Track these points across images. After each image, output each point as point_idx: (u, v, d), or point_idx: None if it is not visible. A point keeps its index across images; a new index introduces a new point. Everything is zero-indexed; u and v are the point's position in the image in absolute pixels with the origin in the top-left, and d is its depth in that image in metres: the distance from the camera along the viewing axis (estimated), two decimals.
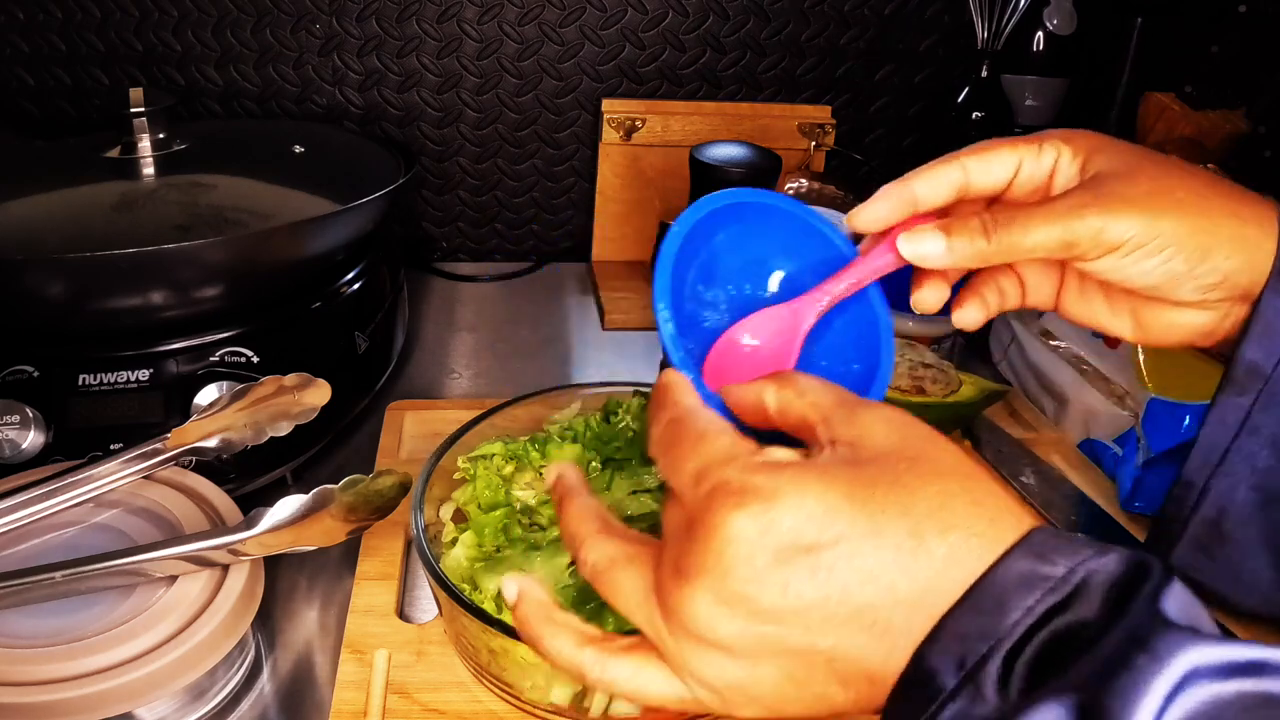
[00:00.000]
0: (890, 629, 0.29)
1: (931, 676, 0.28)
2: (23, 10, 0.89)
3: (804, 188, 0.92)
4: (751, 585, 0.29)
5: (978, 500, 0.30)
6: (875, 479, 0.30)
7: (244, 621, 0.49)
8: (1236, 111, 0.91)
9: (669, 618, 0.31)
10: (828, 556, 0.29)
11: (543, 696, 0.47)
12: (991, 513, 0.29)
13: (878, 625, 0.29)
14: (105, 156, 0.71)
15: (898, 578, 0.28)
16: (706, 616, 0.30)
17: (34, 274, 0.56)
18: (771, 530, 0.29)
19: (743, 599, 0.29)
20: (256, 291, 0.64)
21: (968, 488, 0.30)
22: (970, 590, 0.28)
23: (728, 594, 0.29)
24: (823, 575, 0.29)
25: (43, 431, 0.58)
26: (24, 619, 0.46)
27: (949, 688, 0.27)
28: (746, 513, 0.29)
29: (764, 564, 0.29)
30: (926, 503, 0.29)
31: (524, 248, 1.07)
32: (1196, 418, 0.66)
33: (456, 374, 0.85)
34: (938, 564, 0.28)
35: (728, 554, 0.29)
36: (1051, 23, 0.90)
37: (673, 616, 0.31)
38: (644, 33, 0.97)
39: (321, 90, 0.96)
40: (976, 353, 0.90)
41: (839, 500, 0.29)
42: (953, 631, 0.28)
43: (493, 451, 0.57)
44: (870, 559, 0.29)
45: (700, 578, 0.30)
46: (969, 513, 0.29)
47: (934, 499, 0.29)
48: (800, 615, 0.29)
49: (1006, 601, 0.27)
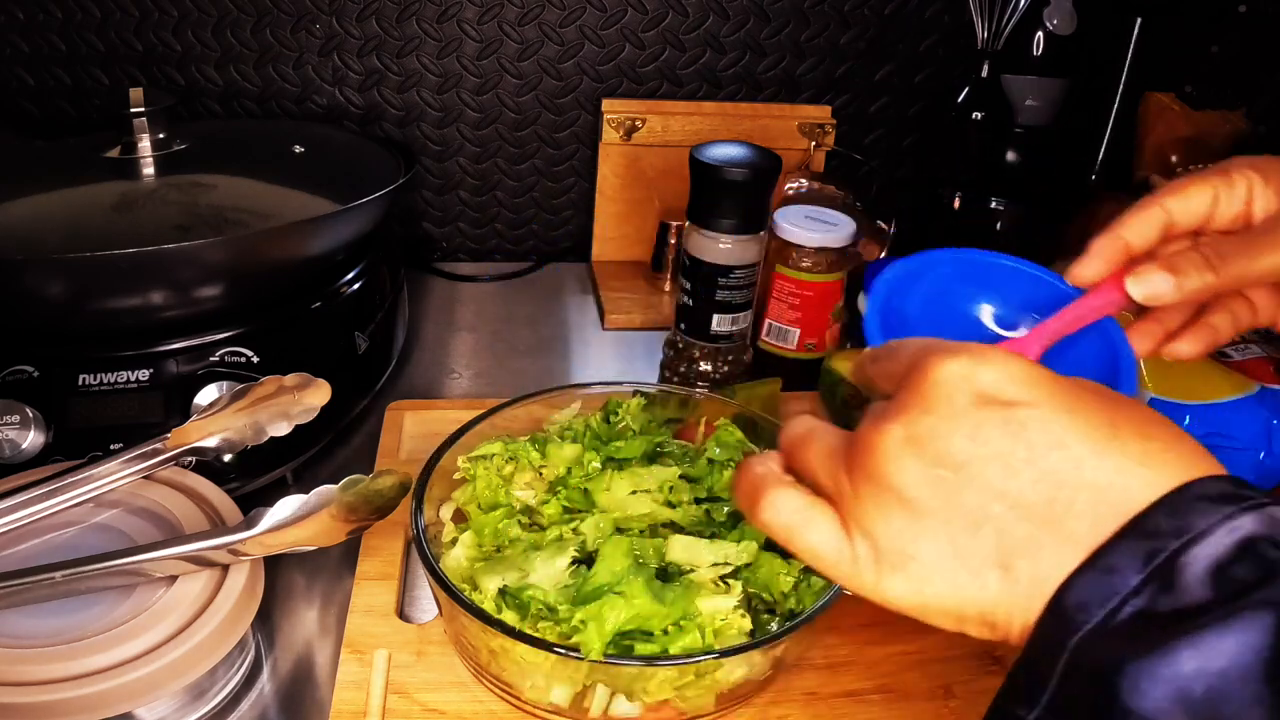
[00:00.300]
0: (1071, 508, 0.28)
1: (1111, 571, 0.27)
2: (23, 10, 0.89)
3: (804, 188, 0.92)
4: (945, 422, 0.30)
5: (1179, 436, 0.30)
6: (1081, 384, 0.31)
7: (244, 621, 0.49)
8: (1236, 111, 0.91)
9: (854, 468, 0.31)
10: (1022, 413, 0.29)
11: (543, 696, 0.47)
12: (1191, 447, 0.30)
13: (1059, 499, 0.28)
14: (105, 156, 0.71)
15: (1087, 456, 0.29)
16: (895, 454, 0.30)
17: (34, 274, 0.56)
18: (975, 377, 0.30)
19: (933, 436, 0.30)
20: (256, 291, 0.64)
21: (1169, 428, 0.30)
22: (1165, 496, 0.28)
23: (922, 429, 0.30)
24: (1014, 428, 0.29)
25: (43, 431, 0.58)
26: (24, 619, 0.46)
27: (1132, 584, 0.26)
28: (956, 360, 0.30)
29: (962, 404, 0.30)
30: (1128, 414, 0.30)
31: (524, 248, 1.07)
32: (1197, 418, 0.66)
33: (456, 374, 0.85)
34: (1131, 460, 0.28)
35: (930, 392, 0.30)
36: (1051, 23, 0.90)
37: (857, 463, 0.31)
38: (644, 33, 0.97)
39: (321, 90, 0.96)
40: None
41: (1044, 376, 0.30)
42: (1141, 529, 0.27)
43: (493, 451, 0.57)
44: (1063, 429, 0.29)
45: (899, 414, 0.31)
46: (1168, 434, 0.30)
47: (1136, 415, 0.30)
48: (983, 465, 0.29)
49: (1203, 509, 0.27)
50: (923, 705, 0.51)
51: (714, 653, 0.45)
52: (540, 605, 0.47)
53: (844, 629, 0.55)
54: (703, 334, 0.77)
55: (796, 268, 0.78)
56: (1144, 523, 0.27)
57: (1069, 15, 0.91)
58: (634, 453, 0.56)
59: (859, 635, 0.55)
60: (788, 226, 0.77)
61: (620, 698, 0.46)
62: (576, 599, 0.46)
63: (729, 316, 0.76)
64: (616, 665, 0.44)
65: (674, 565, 0.50)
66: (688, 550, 0.50)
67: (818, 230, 0.76)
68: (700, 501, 0.54)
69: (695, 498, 0.54)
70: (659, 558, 0.50)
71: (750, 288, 0.75)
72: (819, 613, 0.47)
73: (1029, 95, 0.93)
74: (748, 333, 0.78)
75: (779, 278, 0.79)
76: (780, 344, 0.81)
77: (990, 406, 0.29)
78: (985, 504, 0.29)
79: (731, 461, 0.56)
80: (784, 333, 0.80)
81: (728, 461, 0.56)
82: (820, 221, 0.78)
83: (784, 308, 0.80)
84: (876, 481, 0.31)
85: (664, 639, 0.45)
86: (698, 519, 0.54)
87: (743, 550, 0.50)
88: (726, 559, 0.50)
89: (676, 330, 0.79)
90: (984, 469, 0.29)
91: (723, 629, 0.47)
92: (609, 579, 0.47)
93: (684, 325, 0.77)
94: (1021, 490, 0.29)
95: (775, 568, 0.50)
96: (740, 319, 0.76)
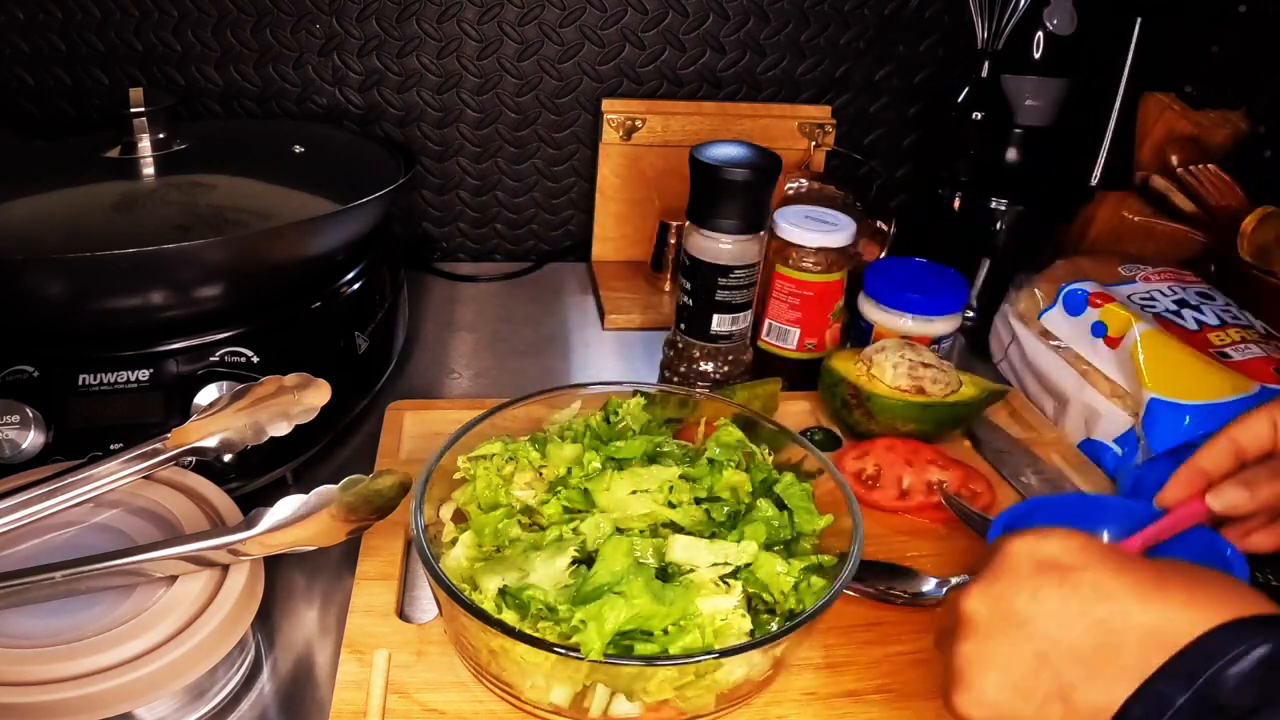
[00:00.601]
0: (1121, 649, 0.35)
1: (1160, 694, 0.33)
2: (23, 10, 0.89)
3: (804, 188, 0.92)
4: (1011, 585, 0.38)
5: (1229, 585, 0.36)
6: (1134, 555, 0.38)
7: (244, 621, 0.49)
8: (1236, 111, 0.91)
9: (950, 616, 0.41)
10: (1075, 576, 0.37)
11: (543, 696, 0.47)
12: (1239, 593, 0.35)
13: (1110, 643, 0.35)
14: (105, 156, 0.71)
15: (1134, 605, 0.35)
16: (973, 607, 0.39)
17: (34, 274, 0.56)
18: (1038, 550, 0.38)
19: (1001, 595, 0.38)
20: (256, 291, 0.64)
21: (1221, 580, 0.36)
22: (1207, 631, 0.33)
23: (995, 591, 0.38)
24: (1068, 589, 0.37)
25: (43, 431, 0.58)
26: (24, 619, 0.46)
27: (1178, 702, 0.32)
28: (1023, 539, 0.39)
29: (1026, 571, 0.38)
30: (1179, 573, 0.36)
31: (524, 248, 1.07)
32: (1196, 417, 0.66)
33: (456, 374, 0.85)
34: (1175, 606, 0.35)
35: (1001, 564, 0.39)
36: (1051, 23, 0.90)
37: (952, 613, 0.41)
38: (644, 33, 0.97)
39: (321, 90, 0.96)
40: (976, 353, 0.90)
41: (1100, 549, 0.38)
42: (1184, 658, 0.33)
43: (493, 451, 0.57)
44: (1113, 585, 0.36)
45: (979, 580, 0.39)
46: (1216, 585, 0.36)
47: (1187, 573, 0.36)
48: (1042, 620, 0.37)
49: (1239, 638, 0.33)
50: (923, 705, 0.51)
51: (714, 653, 0.45)
52: (540, 605, 0.47)
53: (844, 629, 0.55)
54: (703, 334, 0.77)
55: (796, 268, 0.78)
56: (1187, 653, 0.33)
57: (1069, 15, 0.91)
58: (634, 453, 0.56)
59: (859, 635, 0.55)
60: (788, 226, 0.77)
61: (620, 698, 0.46)
62: (576, 599, 0.46)
63: (729, 316, 0.76)
64: (616, 665, 0.44)
65: (674, 565, 0.50)
66: (688, 550, 0.50)
67: (818, 230, 0.76)
68: (700, 501, 0.54)
69: (695, 498, 0.54)
70: (659, 558, 0.50)
71: (750, 288, 0.75)
72: (819, 613, 0.47)
73: (1029, 95, 0.93)
74: (748, 333, 0.78)
75: (779, 278, 0.79)
76: (780, 344, 0.81)
77: (1050, 572, 0.37)
78: (1044, 651, 0.36)
79: (731, 461, 0.56)
80: (784, 333, 0.80)
81: (728, 461, 0.56)
82: (820, 221, 0.78)
83: (784, 308, 0.80)
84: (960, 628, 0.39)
85: (664, 639, 0.45)
86: (698, 519, 0.53)
87: (743, 550, 0.50)
88: (726, 559, 0.50)
89: (676, 330, 0.79)
90: (1043, 624, 0.37)
91: (723, 629, 0.47)
92: (609, 579, 0.47)
93: (684, 325, 0.77)
94: (1076, 640, 0.36)
95: (775, 568, 0.50)
96: (740, 319, 0.76)
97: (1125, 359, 0.71)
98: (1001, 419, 0.78)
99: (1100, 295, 0.75)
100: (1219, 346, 0.71)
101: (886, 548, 0.63)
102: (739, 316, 0.76)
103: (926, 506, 0.66)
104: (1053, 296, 0.79)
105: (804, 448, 0.59)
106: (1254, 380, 0.67)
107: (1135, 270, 0.80)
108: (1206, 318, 0.73)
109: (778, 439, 0.60)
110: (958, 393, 0.72)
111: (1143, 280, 0.78)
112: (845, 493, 0.55)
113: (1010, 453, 0.73)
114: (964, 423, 0.74)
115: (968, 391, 0.73)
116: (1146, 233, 0.91)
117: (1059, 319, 0.78)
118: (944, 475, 0.67)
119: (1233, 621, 0.34)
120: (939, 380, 0.72)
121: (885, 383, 0.72)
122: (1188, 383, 0.67)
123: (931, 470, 0.68)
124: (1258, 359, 0.69)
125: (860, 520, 0.53)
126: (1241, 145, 0.91)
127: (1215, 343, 0.71)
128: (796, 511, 0.54)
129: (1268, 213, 0.81)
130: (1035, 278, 0.82)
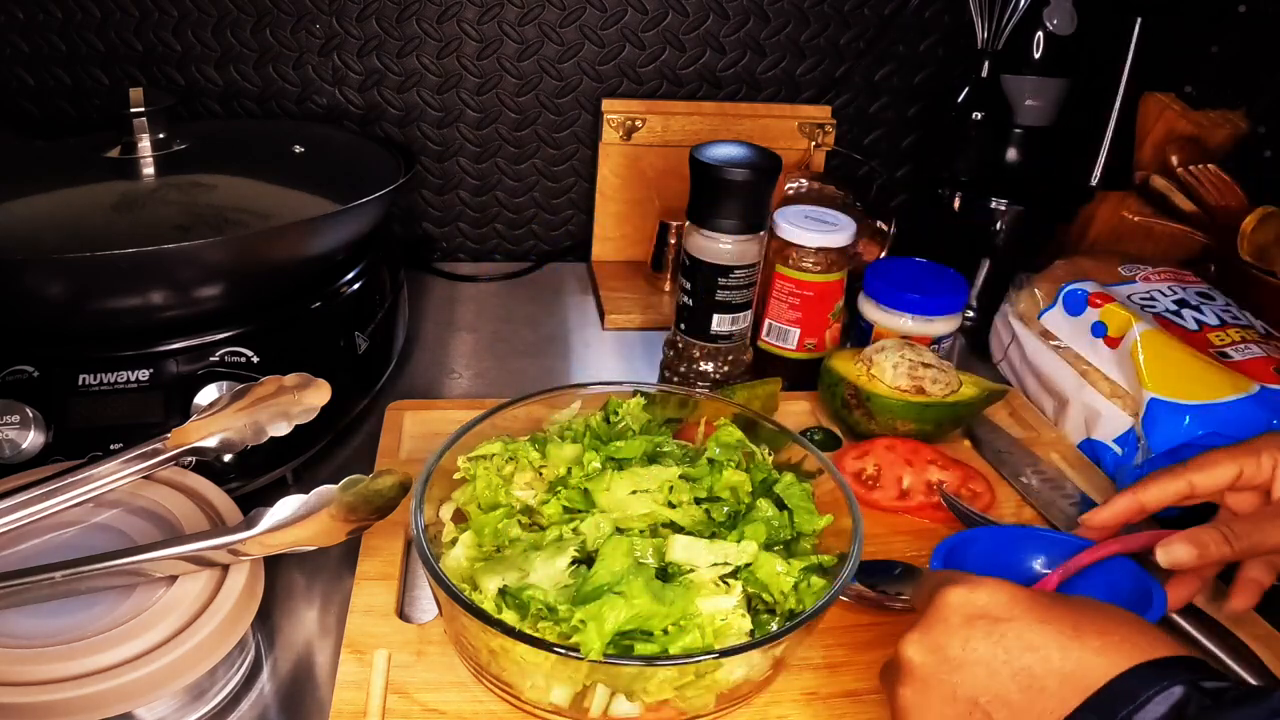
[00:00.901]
0: (1044, 692, 0.38)
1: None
2: (23, 10, 0.89)
3: (804, 188, 0.92)
4: (944, 635, 0.41)
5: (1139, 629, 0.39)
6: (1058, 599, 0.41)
7: (244, 621, 0.49)
8: (1236, 111, 0.91)
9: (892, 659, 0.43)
10: (1002, 626, 0.40)
11: (543, 696, 0.47)
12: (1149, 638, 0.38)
13: (1033, 687, 0.38)
14: (105, 156, 0.71)
15: (1054, 653, 0.38)
16: (910, 654, 0.41)
17: (34, 274, 0.56)
18: (970, 602, 0.41)
19: (937, 645, 0.41)
20: (256, 291, 0.64)
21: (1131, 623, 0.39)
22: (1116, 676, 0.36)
23: (929, 640, 0.41)
24: (995, 638, 0.39)
25: (43, 431, 0.58)
26: (24, 619, 0.46)
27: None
28: (956, 589, 0.41)
29: (958, 622, 0.40)
30: (1093, 618, 0.39)
31: (524, 248, 1.07)
32: (1196, 418, 0.66)
33: (456, 374, 0.85)
34: (1090, 652, 0.37)
35: (935, 613, 0.41)
36: (1051, 23, 0.90)
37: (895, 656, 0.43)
38: (644, 33, 0.97)
39: (321, 90, 0.96)
40: (976, 353, 0.90)
41: (1025, 598, 0.40)
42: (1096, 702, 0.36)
43: (493, 451, 0.57)
44: (1035, 635, 0.39)
45: (917, 628, 0.42)
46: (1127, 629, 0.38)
47: (1101, 618, 0.39)
48: (972, 669, 0.39)
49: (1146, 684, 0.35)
50: None
51: (714, 653, 0.45)
52: (540, 605, 0.47)
53: (843, 629, 0.55)
54: (703, 334, 0.77)
55: (796, 268, 0.78)
56: (1099, 697, 0.36)
57: (1069, 15, 0.91)
58: (634, 453, 0.56)
59: (858, 635, 0.55)
60: (788, 226, 0.77)
61: (620, 698, 0.46)
62: (576, 599, 0.46)
63: (729, 316, 0.76)
64: (616, 665, 0.44)
65: (674, 565, 0.50)
66: (688, 550, 0.50)
67: (818, 230, 0.76)
68: (700, 501, 0.54)
69: (695, 498, 0.54)
70: (659, 558, 0.50)
71: (750, 288, 0.75)
72: (819, 613, 0.47)
73: (1029, 95, 0.93)
74: (748, 333, 0.78)
75: (779, 278, 0.79)
76: (780, 344, 0.81)
77: (979, 622, 0.40)
78: (974, 696, 0.39)
79: (731, 461, 0.56)
80: (784, 333, 0.80)
81: (727, 461, 0.56)
82: (820, 221, 0.78)
83: (784, 308, 0.80)
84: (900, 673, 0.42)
85: (664, 639, 0.45)
86: (698, 519, 0.53)
87: (743, 550, 0.50)
88: (726, 559, 0.50)
89: (676, 330, 0.79)
90: (973, 672, 0.39)
91: (723, 629, 0.47)
92: (609, 579, 0.47)
93: (684, 325, 0.77)
94: (1002, 685, 0.39)
95: (775, 568, 0.50)
96: (740, 319, 0.76)
97: (1125, 359, 0.71)
98: (1001, 419, 0.78)
99: (1100, 295, 0.75)
100: (1219, 346, 0.71)
101: (886, 548, 0.63)
102: (739, 316, 0.76)
103: (926, 506, 0.66)
104: (1053, 296, 0.79)
105: (804, 448, 0.59)
106: (1254, 380, 0.67)
107: (1135, 270, 0.80)
108: (1206, 318, 0.73)
109: (778, 439, 0.60)
110: (958, 393, 0.72)
111: (1143, 280, 0.78)
112: (845, 493, 0.55)
113: (1010, 453, 0.73)
114: (964, 423, 0.74)
115: (968, 391, 0.73)
116: (1146, 233, 0.91)
117: (1059, 319, 0.78)
118: (944, 475, 0.67)
119: (1142, 665, 0.36)
120: (939, 380, 0.72)
121: (885, 383, 0.72)
122: (1188, 383, 0.67)
123: (931, 470, 0.68)
124: (1258, 359, 0.69)
125: (860, 520, 0.53)
126: (1241, 145, 0.91)
127: (1215, 343, 0.71)
128: (796, 511, 0.54)
129: (1268, 213, 0.81)
130: (1035, 278, 0.82)
